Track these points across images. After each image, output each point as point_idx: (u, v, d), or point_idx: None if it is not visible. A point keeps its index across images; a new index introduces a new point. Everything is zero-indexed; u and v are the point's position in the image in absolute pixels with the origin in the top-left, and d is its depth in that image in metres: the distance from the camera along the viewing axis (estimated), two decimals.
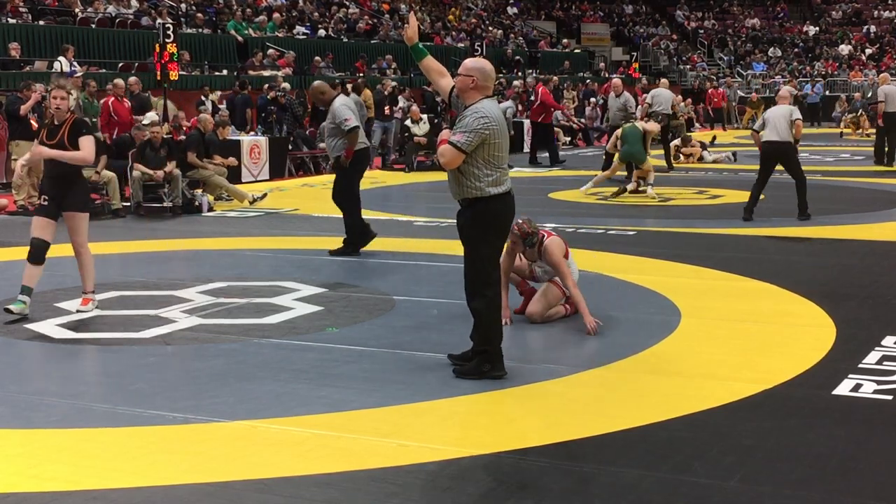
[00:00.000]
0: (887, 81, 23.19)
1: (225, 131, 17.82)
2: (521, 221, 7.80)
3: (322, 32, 30.20)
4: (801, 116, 13.94)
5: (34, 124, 15.77)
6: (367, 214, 11.71)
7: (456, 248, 11.55)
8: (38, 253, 8.45)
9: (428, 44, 33.25)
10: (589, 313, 7.75)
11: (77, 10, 24.06)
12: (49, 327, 8.04)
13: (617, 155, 16.88)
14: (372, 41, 31.34)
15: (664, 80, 25.20)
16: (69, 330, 7.96)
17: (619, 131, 16.86)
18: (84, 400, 6.18)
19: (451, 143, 6.40)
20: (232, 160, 16.99)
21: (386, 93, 23.69)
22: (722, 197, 16.56)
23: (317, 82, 12.22)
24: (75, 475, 4.98)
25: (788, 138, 13.43)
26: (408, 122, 22.39)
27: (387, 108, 23.35)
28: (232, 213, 15.12)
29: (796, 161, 13.80)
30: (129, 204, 15.14)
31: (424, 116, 22.85)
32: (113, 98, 17.42)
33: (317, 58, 26.57)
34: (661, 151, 21.72)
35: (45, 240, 8.48)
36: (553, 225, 13.31)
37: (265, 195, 16.14)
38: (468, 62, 6.67)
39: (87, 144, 8.43)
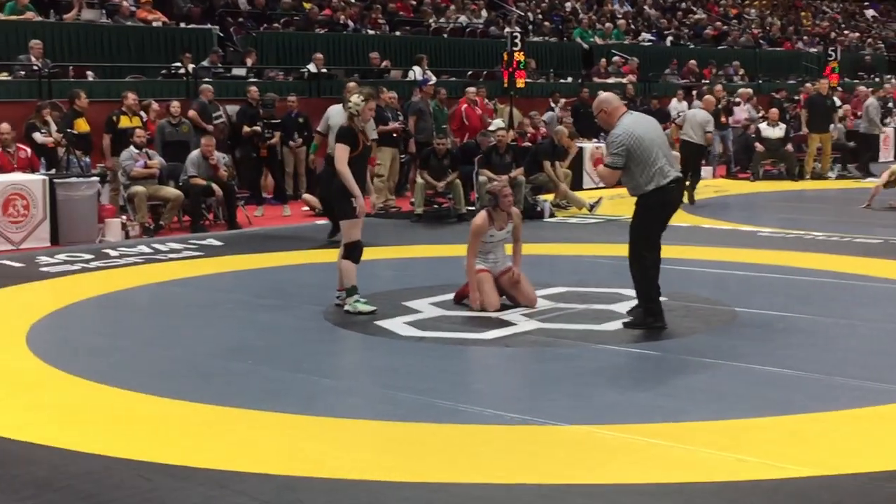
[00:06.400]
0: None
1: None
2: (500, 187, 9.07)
3: (669, 39, 29.94)
4: None
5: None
6: (704, 223, 11.44)
7: (803, 260, 11.20)
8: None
9: (777, 49, 32.31)
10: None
11: (430, 20, 25.06)
12: (397, 325, 8.40)
13: None
14: (719, 47, 30.76)
15: None
16: (416, 328, 8.29)
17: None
18: (429, 396, 6.41)
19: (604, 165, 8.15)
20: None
21: (720, 105, 22.92)
22: None
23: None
24: (419, 467, 5.19)
25: None
26: (763, 125, 21.65)
27: (723, 117, 22.72)
28: (572, 219, 15.24)
29: None
30: (473, 208, 15.55)
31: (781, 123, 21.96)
32: (466, 105, 18.03)
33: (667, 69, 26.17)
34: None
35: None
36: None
37: (599, 200, 16.06)
38: (594, 103, 8.29)
39: None
